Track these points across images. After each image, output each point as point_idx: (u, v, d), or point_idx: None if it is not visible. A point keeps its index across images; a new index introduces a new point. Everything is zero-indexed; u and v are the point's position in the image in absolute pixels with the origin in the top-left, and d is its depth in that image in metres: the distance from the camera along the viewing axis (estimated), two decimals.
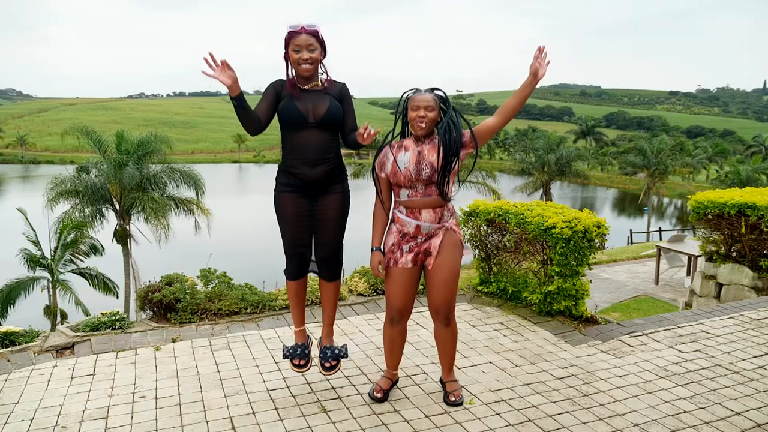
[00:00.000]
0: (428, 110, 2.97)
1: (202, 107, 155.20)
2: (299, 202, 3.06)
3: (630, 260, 15.82)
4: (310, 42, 2.91)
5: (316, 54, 2.94)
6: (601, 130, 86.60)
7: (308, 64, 2.92)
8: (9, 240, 17.89)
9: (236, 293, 4.78)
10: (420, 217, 3.06)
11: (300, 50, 2.90)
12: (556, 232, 4.36)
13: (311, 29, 2.92)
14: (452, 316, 3.18)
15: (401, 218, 3.11)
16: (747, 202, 6.17)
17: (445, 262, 3.08)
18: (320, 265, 3.21)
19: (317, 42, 2.94)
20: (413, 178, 3.00)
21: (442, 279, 3.08)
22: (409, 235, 3.10)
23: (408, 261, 3.09)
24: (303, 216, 3.08)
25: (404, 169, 3.00)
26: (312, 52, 2.92)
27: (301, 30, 2.91)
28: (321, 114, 2.96)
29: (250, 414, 3.10)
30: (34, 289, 16.11)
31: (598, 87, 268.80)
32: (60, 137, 23.46)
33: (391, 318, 3.18)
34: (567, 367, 3.73)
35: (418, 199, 3.04)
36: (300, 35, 2.90)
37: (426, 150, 3.02)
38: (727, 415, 3.15)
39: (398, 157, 3.04)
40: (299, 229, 3.09)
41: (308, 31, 2.91)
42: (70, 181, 17.51)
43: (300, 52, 2.90)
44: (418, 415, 3.09)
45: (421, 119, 2.97)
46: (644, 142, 42.40)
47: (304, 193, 3.05)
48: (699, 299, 7.24)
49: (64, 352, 3.98)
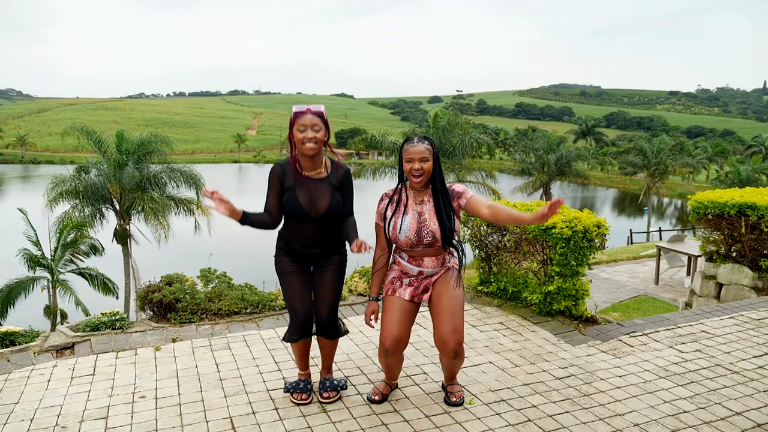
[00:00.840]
0: (423, 162, 2.94)
1: (202, 107, 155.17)
2: (298, 264, 3.16)
3: (630, 260, 15.81)
4: (315, 122, 2.94)
5: (321, 134, 2.96)
6: (601, 130, 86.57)
7: (312, 143, 2.94)
8: (9, 240, 17.89)
9: (236, 293, 4.78)
10: (423, 264, 3.07)
11: (305, 129, 2.93)
12: (556, 232, 4.36)
13: (317, 110, 2.97)
14: (461, 350, 3.05)
15: (402, 264, 3.11)
16: (747, 202, 6.17)
17: (449, 291, 3.04)
18: (320, 325, 3.20)
19: (322, 122, 2.97)
20: (414, 244, 3.01)
21: (447, 307, 3.01)
22: (410, 275, 3.11)
23: (406, 294, 3.07)
24: (302, 272, 3.17)
25: (405, 238, 2.99)
26: (317, 132, 2.94)
27: (306, 111, 2.96)
28: (322, 210, 3.01)
29: (250, 414, 3.10)
30: (34, 289, 16.09)
31: (598, 87, 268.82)
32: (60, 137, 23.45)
33: (386, 350, 3.05)
34: (567, 367, 3.73)
35: (420, 250, 3.04)
36: (305, 115, 2.94)
37: (426, 213, 2.99)
38: (727, 415, 3.15)
39: (398, 222, 3.01)
40: (301, 282, 3.15)
41: (314, 111, 2.96)
42: (70, 181, 17.50)
43: (305, 131, 2.93)
44: (418, 415, 3.09)
45: (417, 171, 2.95)
46: (644, 142, 42.35)
47: (302, 262, 3.16)
48: (699, 299, 7.24)
49: (64, 352, 3.98)
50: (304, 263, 3.16)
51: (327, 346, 3.26)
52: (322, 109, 3.00)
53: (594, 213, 4.65)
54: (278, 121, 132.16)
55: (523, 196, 33.05)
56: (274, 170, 3.05)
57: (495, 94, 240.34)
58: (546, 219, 2.70)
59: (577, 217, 4.48)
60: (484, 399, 3.29)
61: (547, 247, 4.59)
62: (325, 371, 3.35)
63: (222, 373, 3.60)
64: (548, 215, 2.66)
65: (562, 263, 4.46)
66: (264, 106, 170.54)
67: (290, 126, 2.99)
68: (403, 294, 3.07)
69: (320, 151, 3.02)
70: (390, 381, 3.32)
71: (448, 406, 3.19)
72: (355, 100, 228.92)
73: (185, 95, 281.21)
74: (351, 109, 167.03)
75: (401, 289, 3.09)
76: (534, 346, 4.09)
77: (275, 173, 3.04)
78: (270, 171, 3.06)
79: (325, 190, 3.02)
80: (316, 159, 3.02)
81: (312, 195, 3.00)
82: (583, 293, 4.59)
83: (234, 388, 3.40)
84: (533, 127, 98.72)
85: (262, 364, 3.75)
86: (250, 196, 40.70)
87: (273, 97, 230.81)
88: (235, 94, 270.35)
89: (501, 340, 4.19)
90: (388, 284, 3.14)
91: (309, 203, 2.99)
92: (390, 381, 3.32)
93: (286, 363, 3.75)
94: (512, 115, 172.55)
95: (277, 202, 3.05)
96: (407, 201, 3.04)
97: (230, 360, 3.80)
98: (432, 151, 2.97)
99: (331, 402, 3.21)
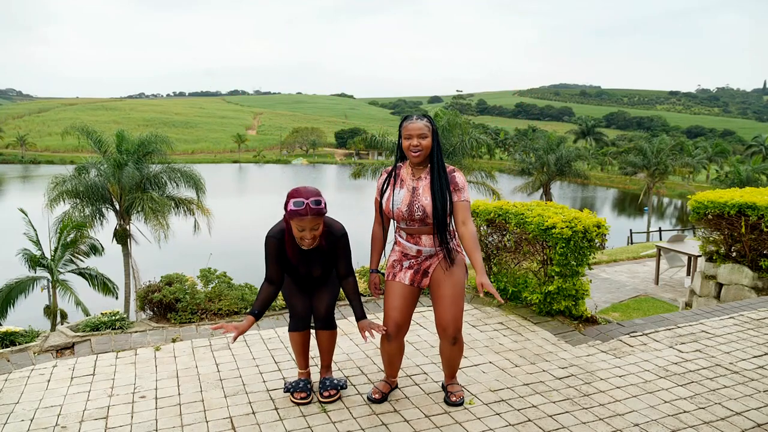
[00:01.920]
0: (421, 138, 2.96)
1: (202, 107, 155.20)
2: None
3: (630, 260, 15.81)
4: (316, 222, 2.85)
5: (319, 231, 2.89)
6: (601, 130, 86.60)
7: (311, 240, 2.90)
8: (9, 240, 17.89)
9: (236, 293, 4.78)
10: (420, 242, 3.07)
11: (303, 230, 2.85)
12: (556, 232, 4.36)
13: (317, 208, 2.80)
14: (460, 336, 3.11)
15: (402, 243, 3.12)
16: (747, 202, 6.17)
17: (448, 277, 3.06)
18: (318, 321, 3.23)
19: (321, 219, 2.88)
20: (406, 218, 3.02)
21: (447, 295, 3.04)
22: (410, 256, 3.12)
23: (406, 278, 3.10)
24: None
25: (396, 210, 3.03)
26: (315, 230, 2.88)
27: (305, 211, 2.79)
28: (317, 276, 3.13)
29: (250, 414, 3.10)
30: (34, 289, 16.08)
31: (598, 87, 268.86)
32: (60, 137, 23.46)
33: (388, 335, 3.12)
34: (567, 367, 3.73)
35: (416, 228, 3.06)
36: (305, 217, 2.80)
37: (421, 189, 3.01)
38: (727, 415, 3.15)
39: (394, 194, 3.05)
40: (298, 286, 3.21)
41: (313, 211, 2.80)
42: (70, 181, 17.50)
43: (303, 231, 2.85)
44: (418, 415, 3.09)
45: (415, 148, 2.96)
46: (644, 142, 42.41)
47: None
48: (699, 299, 7.24)
49: (64, 352, 3.98)
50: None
51: (325, 340, 3.27)
52: (323, 204, 2.85)
53: (594, 213, 4.65)
54: (278, 121, 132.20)
55: (523, 196, 33.05)
56: (272, 243, 2.98)
57: (495, 94, 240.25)
58: (481, 285, 2.93)
59: (577, 217, 4.48)
60: (484, 399, 3.29)
61: (547, 247, 4.59)
62: (324, 370, 3.35)
63: (222, 373, 3.60)
64: (480, 290, 2.93)
65: (562, 263, 4.46)
66: (264, 106, 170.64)
67: (289, 217, 2.85)
68: (403, 278, 3.11)
69: None
70: (390, 378, 3.33)
71: (448, 406, 3.19)
72: (355, 100, 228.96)
73: (185, 95, 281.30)
74: (351, 109, 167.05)
75: (401, 273, 3.12)
76: (534, 346, 4.08)
77: (273, 244, 2.98)
78: (267, 243, 2.98)
79: (319, 260, 3.05)
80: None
81: (308, 265, 3.06)
82: (583, 293, 4.59)
83: (234, 388, 3.40)
84: (533, 127, 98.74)
85: (262, 364, 3.75)
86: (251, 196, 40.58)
87: (273, 97, 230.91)
88: (235, 94, 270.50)
89: (501, 340, 4.19)
90: (389, 268, 3.17)
91: (306, 270, 3.09)
92: (390, 378, 3.33)
93: (286, 363, 3.75)
94: (512, 115, 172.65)
95: (279, 268, 3.05)
96: (405, 177, 3.09)
97: (230, 360, 3.80)
98: (431, 129, 3.00)
99: (332, 401, 3.22)
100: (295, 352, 3.30)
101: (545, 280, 4.65)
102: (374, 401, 3.21)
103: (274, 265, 3.04)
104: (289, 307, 3.26)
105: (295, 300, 3.21)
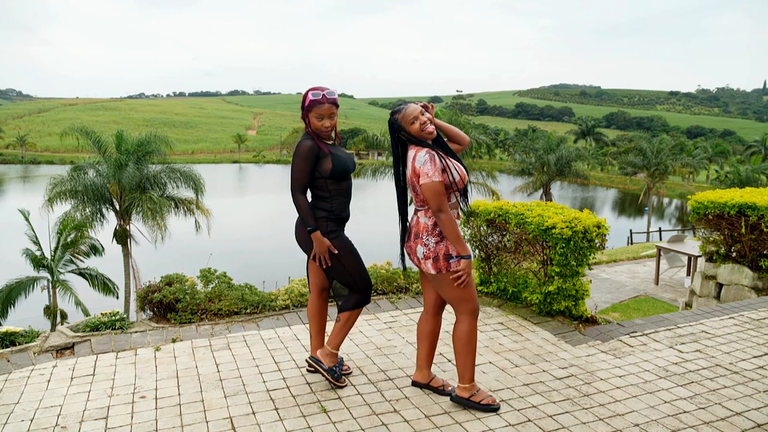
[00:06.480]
0: (423, 114, 3.04)
1: (202, 107, 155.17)
2: None
3: (630, 260, 15.81)
4: (331, 110, 3.19)
5: (334, 120, 3.25)
6: (601, 131, 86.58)
7: (330, 127, 3.23)
8: (9, 240, 17.90)
9: (236, 293, 4.77)
10: (458, 216, 3.17)
11: (322, 118, 3.19)
12: (556, 233, 4.36)
13: (332, 98, 3.19)
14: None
15: (455, 223, 3.03)
16: (747, 202, 6.17)
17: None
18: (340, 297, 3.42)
19: (336, 108, 3.23)
20: (466, 183, 3.09)
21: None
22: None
23: None
24: None
25: (462, 173, 3.05)
26: (332, 119, 3.22)
27: (323, 99, 3.16)
28: (354, 165, 3.42)
29: (250, 414, 3.10)
30: (34, 289, 16.10)
31: (598, 87, 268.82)
32: (60, 137, 23.41)
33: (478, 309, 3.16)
34: (567, 367, 3.73)
35: (453, 202, 3.11)
36: (323, 105, 3.16)
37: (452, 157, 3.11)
38: (727, 415, 3.15)
39: (450, 165, 3.02)
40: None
41: (329, 99, 3.18)
42: (70, 181, 17.50)
43: (322, 120, 3.19)
44: (418, 415, 3.09)
45: (427, 123, 3.02)
46: (644, 142, 42.38)
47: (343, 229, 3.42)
48: (699, 299, 7.24)
49: (64, 353, 3.98)
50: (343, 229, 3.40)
51: (352, 317, 3.35)
52: (336, 96, 3.21)
53: (594, 213, 4.65)
54: (278, 121, 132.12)
55: (523, 196, 33.05)
56: (306, 144, 3.18)
57: (495, 94, 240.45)
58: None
59: (577, 217, 4.48)
60: None
61: (547, 247, 4.59)
62: (327, 347, 3.39)
63: (222, 373, 3.60)
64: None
65: (562, 263, 4.46)
66: (264, 106, 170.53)
67: (307, 109, 3.18)
68: None
69: None
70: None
71: (448, 406, 3.19)
72: (355, 100, 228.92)
73: (185, 95, 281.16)
74: (351, 109, 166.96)
75: None
76: (534, 346, 4.09)
77: (308, 147, 3.17)
78: (302, 148, 3.17)
79: (342, 153, 3.33)
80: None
81: (343, 154, 3.31)
82: (583, 293, 4.59)
83: (234, 388, 3.40)
84: (533, 127, 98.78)
85: (262, 364, 3.75)
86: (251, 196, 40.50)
87: (273, 97, 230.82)
88: (235, 94, 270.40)
89: (501, 340, 4.19)
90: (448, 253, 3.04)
91: (350, 160, 3.32)
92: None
93: (286, 363, 3.75)
94: (512, 115, 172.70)
95: (311, 174, 3.21)
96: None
97: (230, 360, 3.80)
98: (422, 105, 3.11)
99: (313, 373, 3.45)
100: (349, 330, 3.37)
101: (545, 281, 4.65)
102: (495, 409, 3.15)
103: (308, 171, 3.18)
104: (361, 282, 3.29)
105: (364, 270, 3.33)
